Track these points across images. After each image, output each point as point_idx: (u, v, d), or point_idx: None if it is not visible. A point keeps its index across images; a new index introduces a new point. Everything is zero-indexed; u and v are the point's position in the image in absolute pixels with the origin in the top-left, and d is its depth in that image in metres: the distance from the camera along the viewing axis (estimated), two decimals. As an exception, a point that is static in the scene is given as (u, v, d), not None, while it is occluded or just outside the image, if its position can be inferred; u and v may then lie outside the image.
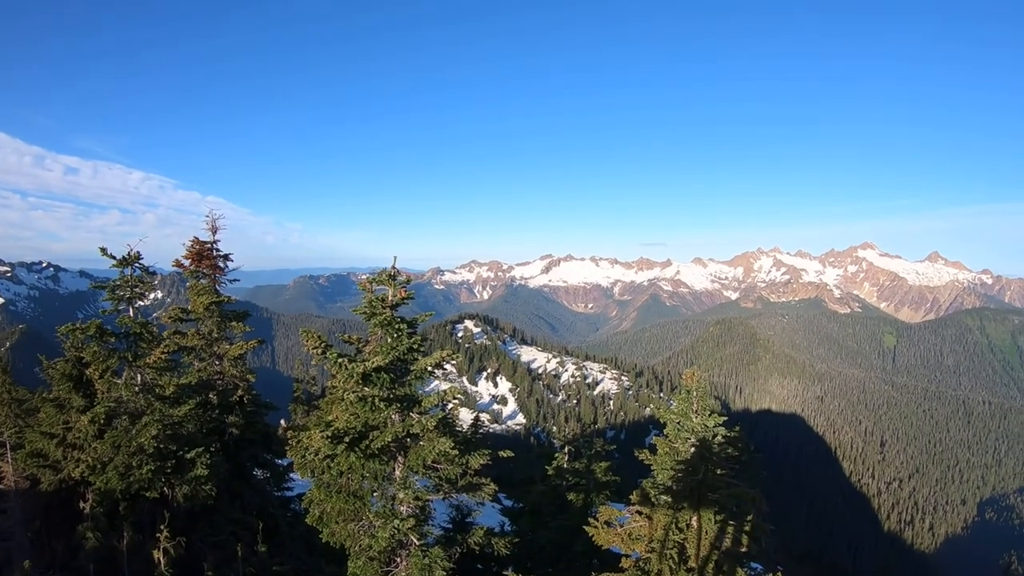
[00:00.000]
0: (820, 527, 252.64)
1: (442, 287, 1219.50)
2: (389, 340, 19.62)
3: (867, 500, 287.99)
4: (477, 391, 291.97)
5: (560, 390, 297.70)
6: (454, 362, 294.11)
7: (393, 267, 20.18)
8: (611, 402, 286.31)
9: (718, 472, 25.37)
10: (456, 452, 18.98)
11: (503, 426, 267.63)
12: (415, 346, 19.72)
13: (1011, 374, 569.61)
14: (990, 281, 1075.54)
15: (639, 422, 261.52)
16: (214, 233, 31.03)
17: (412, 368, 19.92)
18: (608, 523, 25.99)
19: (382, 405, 18.74)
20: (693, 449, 25.68)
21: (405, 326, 19.75)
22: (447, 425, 19.93)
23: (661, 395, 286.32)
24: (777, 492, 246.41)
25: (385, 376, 18.77)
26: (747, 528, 25.10)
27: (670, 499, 24.91)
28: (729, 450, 28.69)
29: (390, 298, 19.97)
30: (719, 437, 26.15)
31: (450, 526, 24.13)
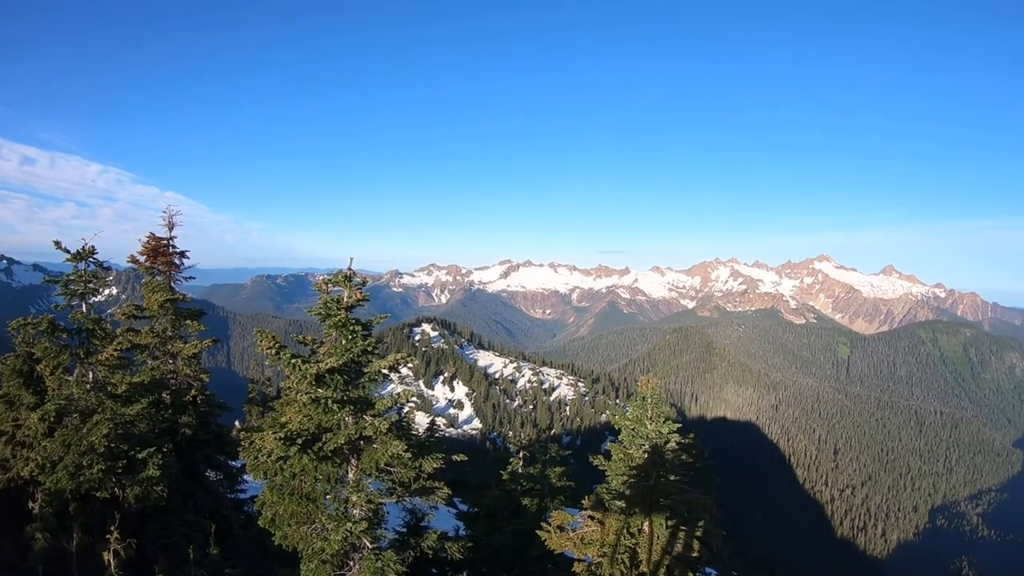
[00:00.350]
0: (774, 533, 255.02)
1: (400, 290, 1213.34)
2: (343, 342, 19.53)
3: (821, 507, 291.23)
4: (434, 395, 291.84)
5: (516, 395, 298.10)
6: (411, 365, 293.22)
7: (349, 268, 20.10)
8: (567, 408, 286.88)
9: (670, 478, 25.68)
10: (409, 455, 18.93)
11: (459, 430, 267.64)
12: (369, 348, 19.65)
13: (962, 385, 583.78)
14: (943, 295, 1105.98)
15: (595, 428, 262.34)
16: (171, 229, 30.77)
17: (366, 370, 19.83)
18: (561, 528, 26.10)
19: (335, 407, 18.64)
20: (646, 455, 25.81)
21: (360, 328, 19.67)
22: (400, 428, 19.87)
23: (617, 401, 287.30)
24: (732, 498, 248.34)
25: (339, 378, 18.69)
26: (699, 533, 25.40)
27: (623, 504, 25.04)
28: (683, 457, 29.03)
29: (345, 299, 19.90)
30: (673, 444, 26.47)
31: (404, 530, 23.99)
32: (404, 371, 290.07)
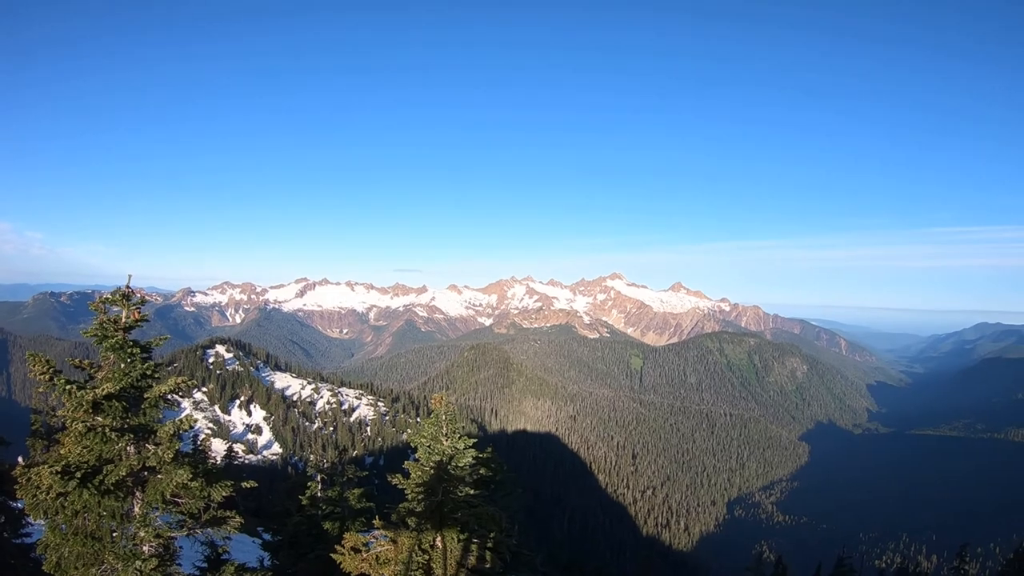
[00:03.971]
0: (583, 537, 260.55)
1: (193, 309, 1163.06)
2: (122, 365, 18.30)
3: (624, 508, 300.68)
4: (231, 420, 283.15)
5: (316, 417, 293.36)
6: (206, 389, 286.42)
7: (127, 286, 18.89)
8: (368, 428, 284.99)
9: (467, 492, 26.24)
10: (196, 484, 17.89)
11: (259, 456, 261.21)
12: (149, 372, 18.54)
13: (748, 389, 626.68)
14: (728, 308, 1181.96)
15: (397, 447, 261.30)
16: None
17: (147, 395, 18.66)
18: (355, 549, 25.72)
19: (115, 436, 17.42)
20: (432, 472, 25.90)
21: (139, 350, 18.51)
22: (187, 456, 18.73)
23: (418, 420, 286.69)
24: (538, 508, 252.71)
25: (117, 404, 17.50)
26: (491, 545, 26.18)
27: (415, 521, 24.98)
28: (482, 471, 29.12)
29: (123, 320, 18.64)
30: (469, 459, 26.92)
31: (205, 564, 22.92)
32: (199, 396, 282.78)
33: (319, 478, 45.54)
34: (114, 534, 18.50)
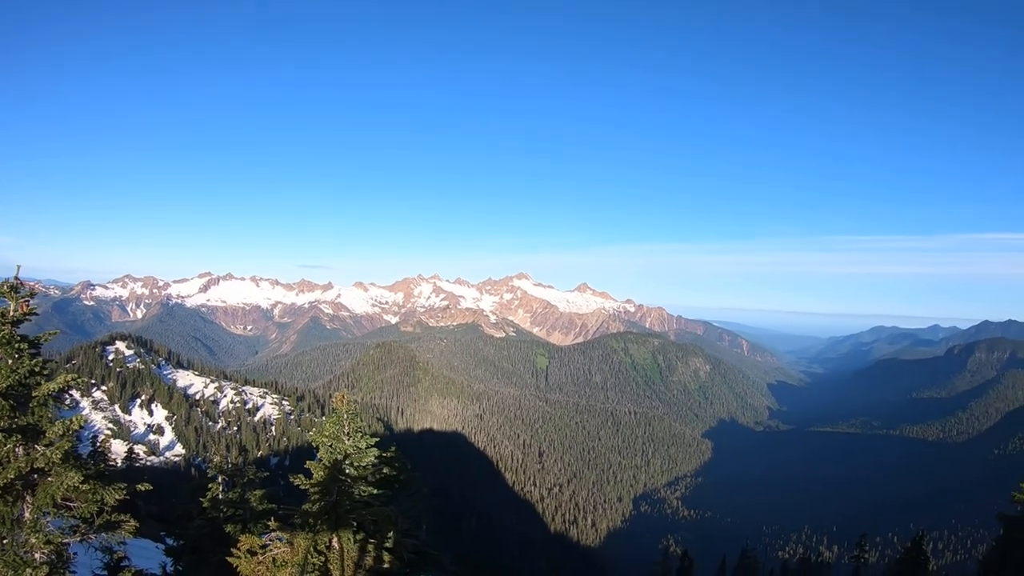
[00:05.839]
0: (491, 535, 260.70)
1: (92, 303, 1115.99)
2: (9, 362, 17.37)
3: (532, 506, 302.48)
4: (131, 420, 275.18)
5: (220, 417, 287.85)
6: (105, 388, 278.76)
7: (16, 277, 17.96)
8: (273, 428, 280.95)
9: (360, 492, 26.13)
10: (88, 487, 17.07)
11: (161, 458, 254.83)
12: (37, 368, 17.62)
13: (652, 387, 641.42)
14: (633, 309, 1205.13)
15: (303, 447, 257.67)
16: None
17: (35, 394, 17.74)
18: (251, 552, 25.18)
19: (1, 437, 16.48)
20: (325, 471, 25.81)
21: (27, 346, 17.57)
22: (77, 457, 17.87)
23: (323, 419, 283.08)
24: (446, 507, 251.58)
25: (4, 403, 16.58)
26: (389, 545, 26.08)
27: (310, 522, 24.68)
28: (386, 470, 28.81)
29: (11, 313, 17.71)
30: (371, 458, 26.77)
31: (104, 572, 22.02)
32: (98, 395, 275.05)
33: (220, 479, 44.51)
34: (4, 541, 17.63)
